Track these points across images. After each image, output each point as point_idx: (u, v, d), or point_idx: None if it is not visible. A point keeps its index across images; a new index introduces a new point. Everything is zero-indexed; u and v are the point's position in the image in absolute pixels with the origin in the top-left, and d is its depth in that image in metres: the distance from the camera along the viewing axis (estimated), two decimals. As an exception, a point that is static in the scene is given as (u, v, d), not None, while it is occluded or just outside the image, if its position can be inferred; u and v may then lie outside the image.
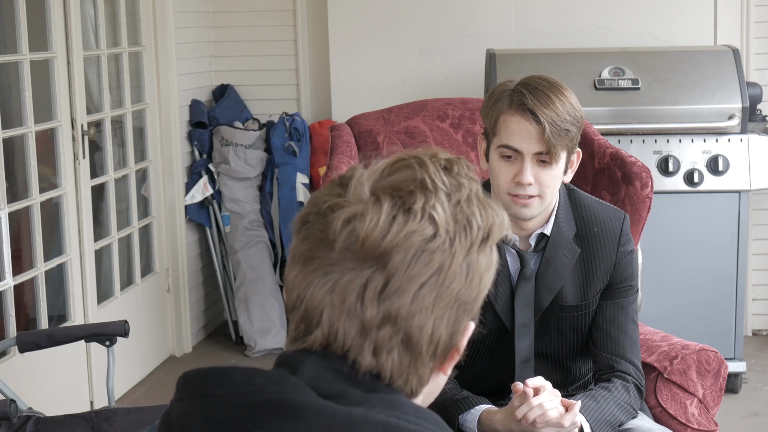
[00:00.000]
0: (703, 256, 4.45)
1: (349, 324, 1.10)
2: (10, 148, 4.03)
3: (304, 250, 1.13)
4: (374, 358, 1.10)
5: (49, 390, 3.94)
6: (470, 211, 1.13)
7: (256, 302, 5.10)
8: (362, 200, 1.11)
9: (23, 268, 3.97)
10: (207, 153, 5.18)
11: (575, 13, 5.02)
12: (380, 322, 1.10)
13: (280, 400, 1.06)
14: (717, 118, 4.38)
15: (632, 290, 2.43)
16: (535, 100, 2.21)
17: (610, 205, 2.46)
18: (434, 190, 1.12)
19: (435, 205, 1.11)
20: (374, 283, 1.09)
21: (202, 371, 1.12)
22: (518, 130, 2.23)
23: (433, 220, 1.10)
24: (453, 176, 1.15)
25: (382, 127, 3.28)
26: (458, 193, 1.13)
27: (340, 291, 1.10)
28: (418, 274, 1.10)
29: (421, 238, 1.10)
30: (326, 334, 1.11)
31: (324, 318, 1.11)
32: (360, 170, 1.15)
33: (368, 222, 1.09)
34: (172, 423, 1.11)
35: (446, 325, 1.13)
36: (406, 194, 1.11)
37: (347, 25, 5.14)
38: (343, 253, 1.10)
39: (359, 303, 1.09)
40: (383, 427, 1.05)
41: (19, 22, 3.83)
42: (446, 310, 1.12)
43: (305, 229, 1.14)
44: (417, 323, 1.11)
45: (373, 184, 1.12)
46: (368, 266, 1.09)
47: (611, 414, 2.31)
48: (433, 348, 1.13)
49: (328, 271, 1.10)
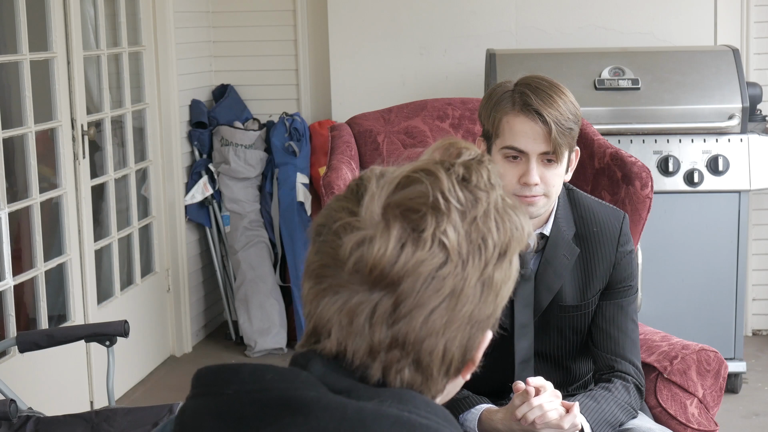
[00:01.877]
0: (703, 256, 4.44)
1: (358, 344, 1.10)
2: (10, 148, 4.03)
3: (317, 265, 1.12)
4: (383, 375, 1.10)
5: (49, 390, 3.94)
6: (486, 228, 1.11)
7: (256, 302, 5.10)
8: (373, 222, 1.09)
9: (23, 268, 3.97)
10: (207, 153, 5.18)
11: (575, 13, 5.02)
12: (389, 345, 1.09)
13: (290, 396, 1.07)
14: (717, 118, 4.38)
15: (632, 290, 2.42)
16: (539, 100, 2.21)
17: (609, 205, 2.46)
18: (447, 210, 1.09)
19: (446, 230, 1.09)
20: (383, 307, 1.08)
21: (214, 368, 1.12)
22: (523, 130, 2.23)
23: (444, 247, 1.08)
24: (470, 189, 1.12)
25: (382, 127, 3.28)
26: (474, 210, 1.11)
27: (349, 312, 1.09)
28: (429, 300, 1.09)
29: (431, 266, 1.08)
30: (335, 351, 1.11)
31: (333, 336, 1.11)
32: (375, 180, 1.13)
33: (377, 249, 1.08)
34: (186, 420, 1.12)
35: (459, 346, 1.12)
36: (418, 218, 1.09)
37: (347, 25, 5.14)
38: (352, 275, 1.09)
39: (368, 325, 1.09)
40: (394, 421, 1.05)
41: (19, 22, 3.83)
42: (458, 331, 1.11)
43: (319, 241, 1.13)
44: (427, 347, 1.10)
45: (386, 200, 1.10)
46: (378, 291, 1.08)
47: (611, 414, 2.31)
48: (446, 368, 1.12)
49: (338, 290, 1.10)
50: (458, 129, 3.27)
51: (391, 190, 1.11)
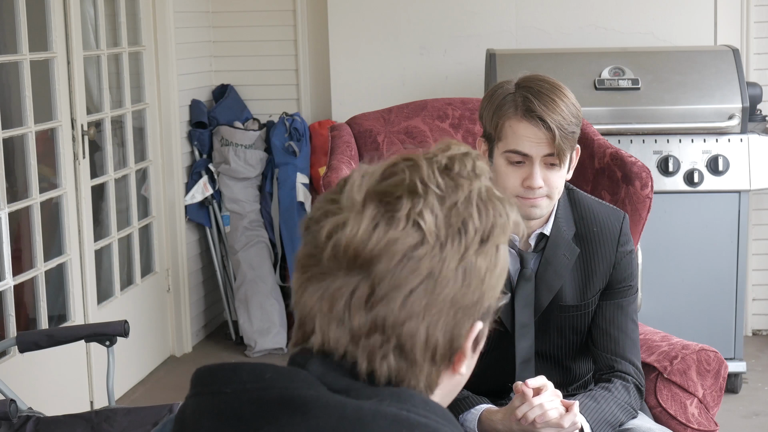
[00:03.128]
0: (703, 256, 4.44)
1: (340, 332, 1.10)
2: (10, 148, 4.03)
3: (302, 256, 1.14)
4: (369, 363, 1.10)
5: (49, 390, 3.94)
6: (467, 213, 1.11)
7: (256, 302, 5.10)
8: (351, 208, 1.11)
9: (23, 268, 3.97)
10: (207, 153, 5.18)
11: (575, 13, 5.02)
12: (369, 330, 1.09)
13: (289, 396, 1.07)
14: (717, 118, 4.38)
15: (632, 290, 2.43)
16: (542, 105, 2.21)
17: (609, 205, 2.46)
18: (424, 194, 1.10)
19: (422, 211, 1.09)
20: (360, 291, 1.09)
21: (213, 367, 1.13)
22: (526, 135, 2.23)
23: (419, 227, 1.09)
24: (451, 177, 1.13)
25: (382, 127, 3.28)
26: (454, 195, 1.11)
27: (329, 299, 1.10)
28: (405, 281, 1.09)
29: (405, 245, 1.09)
30: (321, 342, 1.11)
31: (316, 325, 1.11)
32: (358, 173, 1.14)
33: (349, 230, 1.09)
34: (186, 418, 1.12)
35: (442, 331, 1.11)
36: (393, 200, 1.10)
37: (347, 25, 5.14)
38: (330, 261, 1.10)
39: (347, 311, 1.09)
40: (393, 419, 1.06)
41: (19, 22, 3.83)
42: (440, 315, 1.11)
43: (306, 235, 1.14)
44: (407, 330, 1.10)
45: (368, 189, 1.12)
46: (355, 274, 1.09)
47: (611, 414, 2.31)
48: (431, 354, 1.12)
49: (320, 279, 1.11)
50: (458, 129, 3.27)
51: (375, 180, 1.12)
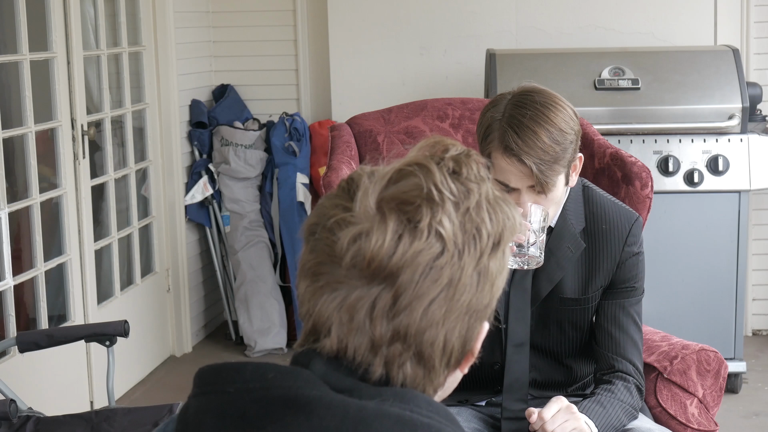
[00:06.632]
0: (703, 256, 4.45)
1: (359, 340, 1.10)
2: (10, 148, 4.03)
3: (313, 264, 1.13)
4: (385, 370, 1.11)
5: (49, 390, 3.94)
6: (480, 219, 1.12)
7: (256, 302, 5.10)
8: (368, 216, 1.10)
9: (23, 268, 3.97)
10: (207, 153, 5.18)
11: (575, 13, 5.02)
12: (390, 339, 1.10)
13: (292, 395, 1.07)
14: (717, 118, 4.38)
15: (636, 292, 2.43)
16: (520, 140, 2.19)
17: (624, 206, 2.47)
18: (441, 201, 1.10)
19: (442, 219, 1.10)
20: (383, 301, 1.09)
21: (216, 367, 1.13)
22: (508, 169, 2.23)
23: (440, 237, 1.09)
24: (461, 181, 1.13)
25: (382, 127, 3.28)
26: (467, 201, 1.12)
27: (348, 308, 1.10)
28: (427, 291, 1.09)
29: (428, 256, 1.09)
30: (335, 349, 1.11)
31: (333, 333, 1.11)
32: (366, 178, 1.13)
33: (374, 242, 1.08)
34: (189, 418, 1.12)
35: (458, 336, 1.12)
36: (413, 210, 1.10)
37: (347, 25, 5.14)
38: (350, 270, 1.09)
39: (368, 320, 1.09)
40: (396, 420, 1.06)
41: (19, 22, 3.84)
42: (457, 321, 1.12)
43: (313, 240, 1.13)
44: (428, 338, 1.10)
45: (379, 195, 1.11)
46: (376, 284, 1.09)
47: (617, 419, 2.33)
48: (447, 359, 1.13)
49: (336, 287, 1.10)
50: (458, 129, 3.27)
51: (383, 185, 1.12)
